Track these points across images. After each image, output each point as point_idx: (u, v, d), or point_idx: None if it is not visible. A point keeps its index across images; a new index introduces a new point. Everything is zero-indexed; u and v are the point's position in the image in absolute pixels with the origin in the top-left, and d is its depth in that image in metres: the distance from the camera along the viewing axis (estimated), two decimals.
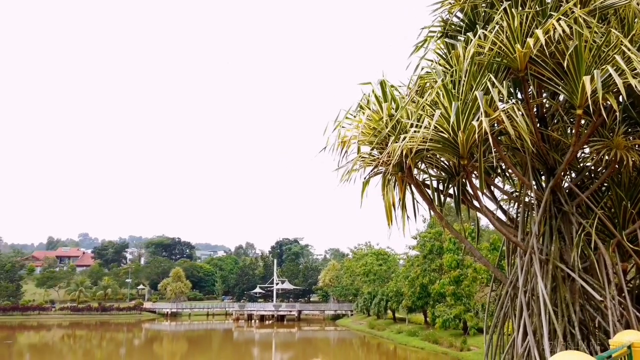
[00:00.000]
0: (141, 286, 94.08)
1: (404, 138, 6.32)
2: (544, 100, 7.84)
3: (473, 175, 7.24)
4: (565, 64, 5.86)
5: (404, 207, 7.55)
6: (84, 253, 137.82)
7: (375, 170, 7.52)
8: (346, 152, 7.63)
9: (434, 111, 6.28)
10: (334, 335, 47.84)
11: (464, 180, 7.45)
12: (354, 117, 7.72)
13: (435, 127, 6.06)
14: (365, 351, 36.16)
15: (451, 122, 6.03)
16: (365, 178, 7.62)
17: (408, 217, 7.66)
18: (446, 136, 6.17)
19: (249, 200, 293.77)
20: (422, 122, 6.32)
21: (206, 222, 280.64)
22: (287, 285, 79.58)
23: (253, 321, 67.20)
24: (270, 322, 66.29)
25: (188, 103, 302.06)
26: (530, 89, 7.00)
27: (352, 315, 62.50)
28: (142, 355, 34.29)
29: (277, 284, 78.10)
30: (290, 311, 70.01)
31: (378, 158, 7.06)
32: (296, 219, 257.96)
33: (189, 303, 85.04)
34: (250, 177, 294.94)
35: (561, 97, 7.28)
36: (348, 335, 45.86)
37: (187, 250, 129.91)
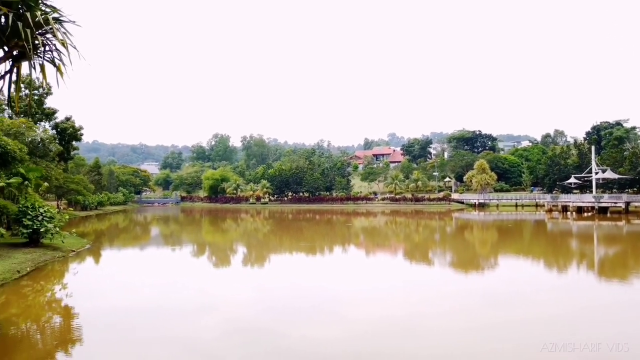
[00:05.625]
0: (447, 179, 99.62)
1: None
2: None
3: None
4: None
5: None
6: (394, 150, 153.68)
7: None
8: None
9: None
10: None
11: None
12: None
13: None
14: None
15: None
16: None
17: None
18: None
19: (558, 84, 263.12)
20: None
21: (507, 112, 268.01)
22: (610, 175, 69.77)
23: (569, 213, 62.55)
24: (590, 214, 60.28)
25: None
26: None
27: None
28: (455, 240, 36.88)
29: (596, 173, 69.49)
30: (615, 202, 61.74)
31: None
32: (617, 99, 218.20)
33: (496, 194, 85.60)
34: (558, 57, 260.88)
35: None
36: None
37: (489, 143, 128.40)
